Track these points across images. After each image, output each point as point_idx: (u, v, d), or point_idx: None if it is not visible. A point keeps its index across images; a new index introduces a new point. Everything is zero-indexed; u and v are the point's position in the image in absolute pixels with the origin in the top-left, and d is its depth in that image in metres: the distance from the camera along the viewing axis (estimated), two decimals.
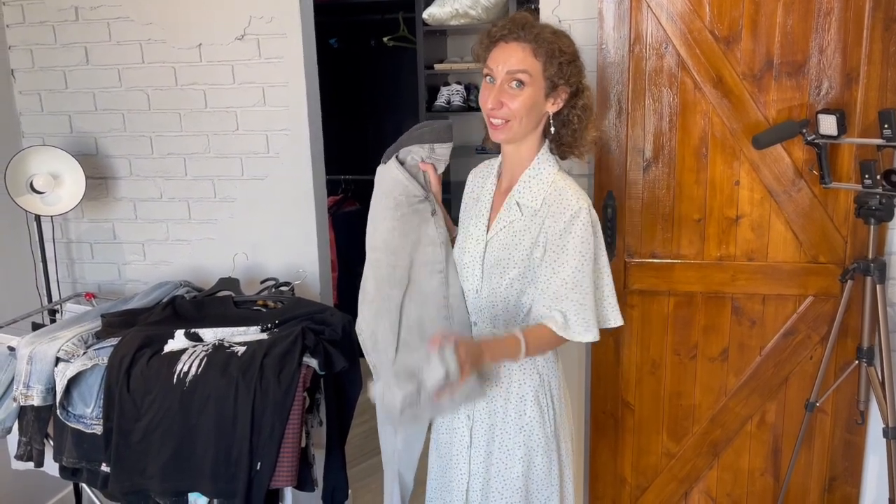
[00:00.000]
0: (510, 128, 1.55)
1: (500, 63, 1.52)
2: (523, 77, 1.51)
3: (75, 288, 2.90)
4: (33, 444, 2.13)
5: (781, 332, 2.27)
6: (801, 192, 2.17)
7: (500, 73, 1.52)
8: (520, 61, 1.51)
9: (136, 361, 2.02)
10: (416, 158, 1.73)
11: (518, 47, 1.51)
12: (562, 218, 1.55)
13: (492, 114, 1.55)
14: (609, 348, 2.38)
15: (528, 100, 1.52)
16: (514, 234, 1.61)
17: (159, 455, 1.99)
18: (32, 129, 2.83)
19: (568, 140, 1.62)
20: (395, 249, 1.69)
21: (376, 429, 2.06)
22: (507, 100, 1.52)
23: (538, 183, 1.60)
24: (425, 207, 1.70)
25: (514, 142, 1.60)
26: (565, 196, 1.57)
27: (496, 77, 1.53)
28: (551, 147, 1.64)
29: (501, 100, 1.52)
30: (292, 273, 2.67)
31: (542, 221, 1.58)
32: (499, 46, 1.54)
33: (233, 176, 2.69)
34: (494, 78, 1.54)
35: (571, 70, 1.55)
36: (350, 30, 4.23)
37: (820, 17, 2.07)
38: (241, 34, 2.56)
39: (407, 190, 1.69)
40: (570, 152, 1.65)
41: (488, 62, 1.55)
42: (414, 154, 1.73)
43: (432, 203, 1.72)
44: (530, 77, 1.51)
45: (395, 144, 1.76)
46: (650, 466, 2.45)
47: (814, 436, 2.30)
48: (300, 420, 1.96)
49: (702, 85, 2.17)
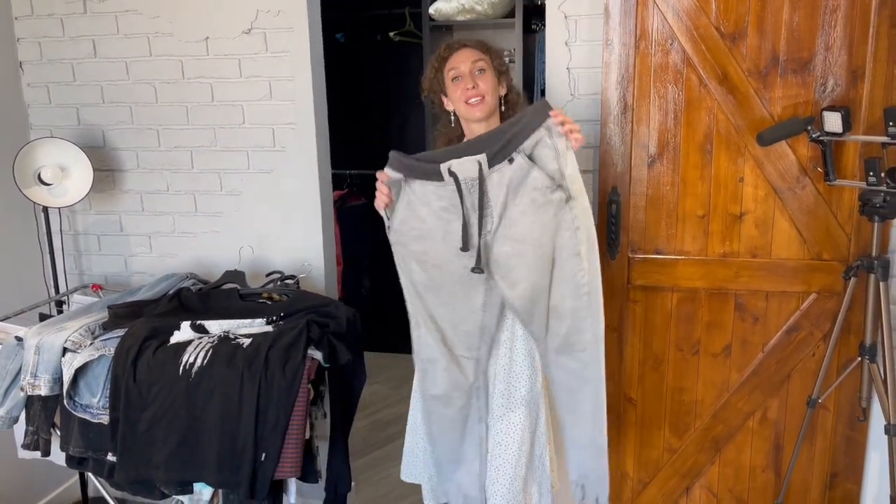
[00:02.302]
0: (486, 101, 1.92)
1: (462, 61, 1.94)
2: (483, 64, 1.94)
3: (82, 279, 2.92)
4: (40, 433, 2.15)
5: (784, 328, 2.28)
6: (805, 189, 2.17)
7: (466, 67, 1.93)
8: (475, 55, 1.95)
9: (143, 352, 2.04)
10: (547, 143, 1.74)
11: (469, 49, 1.96)
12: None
13: (470, 94, 1.91)
14: (612, 344, 2.39)
15: (491, 79, 1.94)
16: None
17: (165, 445, 2.00)
18: (40, 122, 2.84)
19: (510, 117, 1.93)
20: (537, 240, 1.78)
21: (380, 421, 2.10)
22: (478, 81, 1.92)
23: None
24: (559, 196, 1.75)
25: (487, 118, 1.94)
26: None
27: (462, 72, 1.93)
28: None
29: (476, 81, 1.92)
30: (297, 266, 2.68)
31: None
32: (453, 56, 1.96)
33: (239, 169, 2.71)
34: (461, 74, 1.93)
35: (503, 62, 2.00)
36: (357, 25, 4.24)
37: (826, 15, 2.07)
38: (248, 28, 2.57)
39: (539, 183, 1.74)
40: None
41: (451, 65, 1.95)
42: (538, 142, 1.74)
43: (566, 189, 1.76)
44: (486, 64, 1.94)
45: (498, 144, 1.74)
46: (652, 461, 2.46)
47: (815, 432, 2.30)
48: (304, 412, 1.97)
49: (707, 81, 2.17)
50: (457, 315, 1.89)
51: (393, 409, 3.71)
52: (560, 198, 1.74)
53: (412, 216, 1.82)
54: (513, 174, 1.74)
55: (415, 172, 1.79)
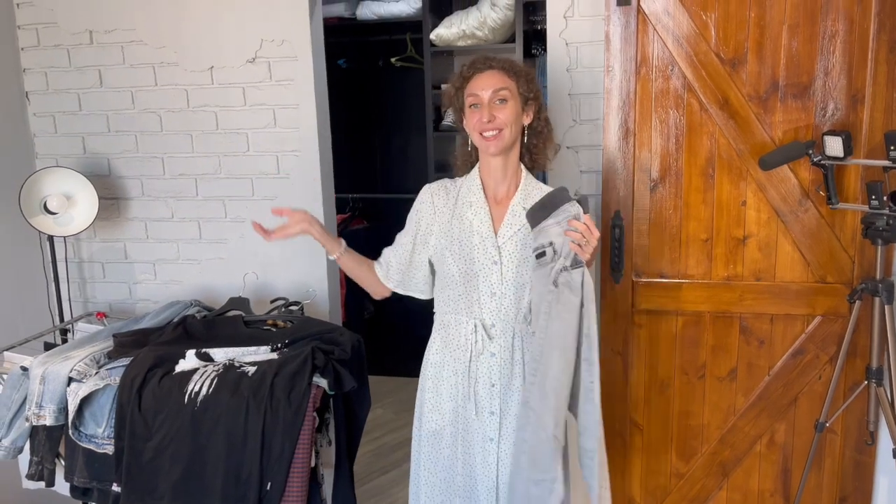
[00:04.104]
0: (503, 136, 1.78)
1: (483, 88, 1.78)
2: (505, 94, 1.78)
3: (87, 307, 2.93)
4: (45, 463, 2.14)
5: (790, 351, 2.27)
6: (808, 212, 2.18)
7: (485, 96, 1.78)
8: (500, 81, 1.78)
9: (148, 381, 2.04)
10: (557, 232, 1.70)
11: (494, 73, 1.79)
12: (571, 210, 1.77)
13: (486, 127, 1.77)
14: (617, 368, 2.38)
15: (512, 111, 1.79)
16: (529, 234, 1.79)
17: (170, 475, 2.00)
18: (46, 151, 2.87)
19: (538, 149, 1.88)
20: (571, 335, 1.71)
21: (384, 447, 2.08)
22: (496, 112, 1.77)
23: (534, 190, 1.85)
24: (571, 278, 1.69)
25: (505, 152, 1.82)
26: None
27: (482, 100, 1.78)
28: (524, 161, 1.88)
29: (493, 113, 1.77)
30: (302, 292, 2.69)
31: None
32: (475, 78, 1.80)
33: (243, 196, 2.72)
34: (480, 102, 1.78)
35: (534, 87, 1.83)
36: (359, 50, 4.28)
37: (825, 40, 2.09)
38: (252, 57, 2.60)
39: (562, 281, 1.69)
40: (538, 161, 1.90)
41: (471, 90, 1.80)
42: (551, 235, 1.71)
43: (578, 267, 1.69)
44: (510, 93, 1.78)
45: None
46: (659, 487, 2.44)
47: (823, 456, 2.29)
48: (310, 440, 1.96)
49: (708, 106, 2.19)
50: None
51: (396, 433, 3.69)
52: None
53: None
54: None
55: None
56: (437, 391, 1.90)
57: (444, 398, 1.89)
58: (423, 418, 1.93)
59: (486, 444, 1.86)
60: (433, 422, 1.91)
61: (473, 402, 1.85)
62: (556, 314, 1.69)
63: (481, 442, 1.86)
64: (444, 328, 1.90)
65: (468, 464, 1.88)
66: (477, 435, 1.86)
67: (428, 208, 1.93)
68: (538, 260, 1.73)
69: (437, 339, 1.92)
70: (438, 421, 1.90)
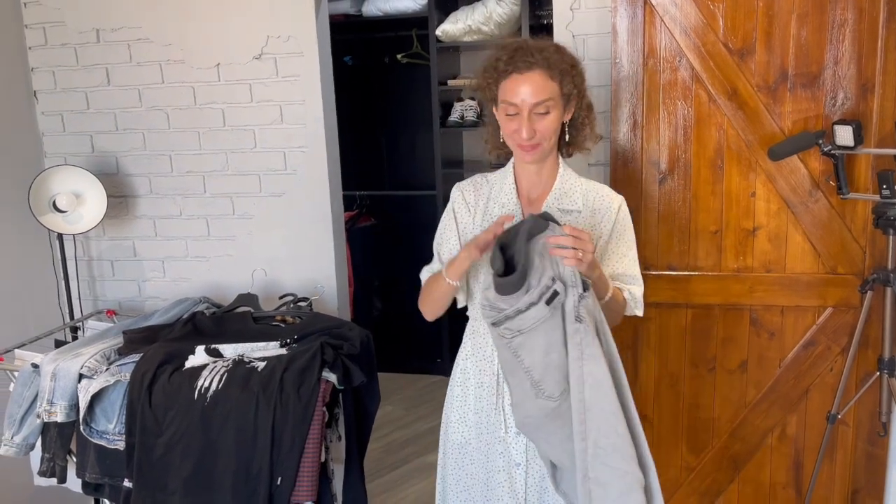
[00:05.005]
0: (542, 148, 1.63)
1: (522, 96, 1.57)
2: (549, 105, 1.58)
3: (96, 305, 2.94)
4: (56, 460, 2.15)
5: (801, 343, 2.26)
6: (818, 202, 2.17)
7: (524, 106, 1.58)
8: (541, 90, 1.57)
9: (158, 377, 2.04)
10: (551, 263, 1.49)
11: (534, 76, 1.57)
12: (611, 211, 1.72)
13: (525, 142, 1.61)
14: (627, 361, 2.36)
15: (554, 121, 1.62)
16: None
17: (180, 470, 2.00)
18: (55, 150, 2.88)
19: (578, 140, 1.74)
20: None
21: (394, 444, 2.05)
22: (537, 126, 1.60)
23: (571, 188, 1.73)
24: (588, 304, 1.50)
25: (542, 160, 1.69)
26: (603, 192, 1.74)
27: (521, 109, 1.58)
28: (561, 152, 1.76)
29: (534, 127, 1.59)
30: (310, 288, 2.69)
31: (591, 219, 1.71)
32: (512, 78, 1.58)
33: (251, 193, 2.73)
34: (518, 111, 1.59)
35: (578, 79, 1.64)
36: (364, 47, 4.28)
37: (834, 29, 2.08)
38: (258, 53, 2.61)
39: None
40: (576, 150, 1.77)
41: (508, 96, 1.59)
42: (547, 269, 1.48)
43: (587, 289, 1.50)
44: (553, 102, 1.59)
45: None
46: (670, 480, 2.43)
47: (836, 448, 2.28)
48: (320, 435, 1.97)
49: (716, 97, 2.18)
50: None
51: (406, 430, 3.69)
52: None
53: None
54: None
55: None
56: (465, 400, 1.79)
57: (470, 409, 1.78)
58: (449, 427, 1.82)
59: (512, 469, 1.73)
60: (459, 433, 1.79)
61: (503, 418, 1.72)
62: (591, 354, 1.47)
63: (506, 467, 1.74)
64: (473, 335, 1.79)
65: (493, 487, 1.76)
66: (502, 459, 1.74)
67: (462, 207, 1.78)
68: (550, 305, 1.46)
69: (467, 344, 1.80)
70: (465, 433, 1.79)
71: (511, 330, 1.49)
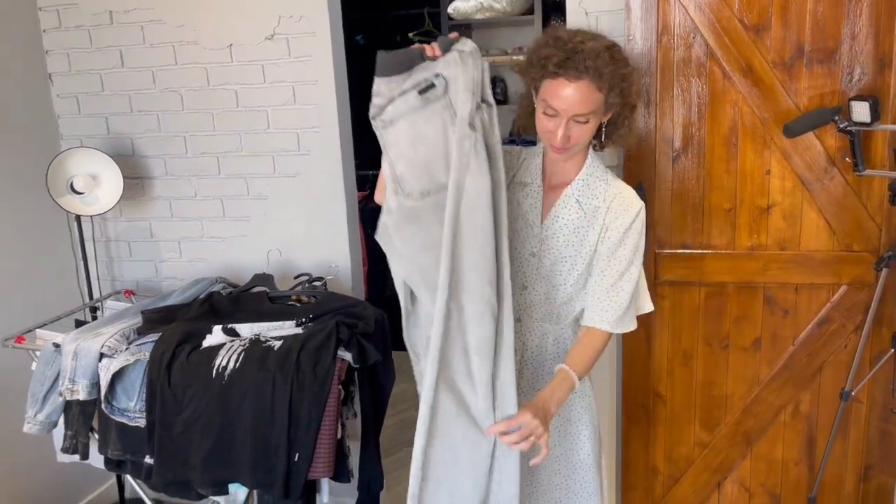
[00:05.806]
0: (573, 150, 1.62)
1: (565, 105, 1.52)
2: (589, 118, 1.55)
3: (114, 285, 2.98)
4: (79, 437, 2.20)
5: (815, 321, 2.26)
6: (833, 180, 2.15)
7: (565, 114, 1.54)
8: (586, 102, 1.52)
9: (177, 356, 2.08)
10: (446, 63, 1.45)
11: (582, 86, 1.51)
12: (627, 216, 1.65)
13: (557, 144, 1.57)
14: (640, 340, 2.38)
15: (592, 129, 1.59)
16: (577, 231, 1.68)
17: (200, 447, 2.04)
18: (71, 132, 2.90)
19: (613, 138, 1.70)
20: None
21: (407, 420, 2.06)
22: (572, 132, 1.57)
23: (595, 181, 1.69)
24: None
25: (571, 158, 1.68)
26: (627, 195, 1.68)
27: (562, 115, 1.54)
28: (593, 143, 1.71)
29: (569, 134, 1.56)
30: (325, 268, 2.71)
31: (605, 218, 1.66)
32: (559, 82, 1.52)
33: (265, 174, 2.74)
34: (557, 114, 1.55)
35: (627, 90, 1.58)
36: (376, 26, 4.26)
37: (851, 3, 2.05)
38: (270, 34, 2.60)
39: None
40: (609, 143, 1.73)
41: (550, 98, 1.54)
42: (438, 67, 1.44)
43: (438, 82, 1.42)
44: (595, 113, 1.56)
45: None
46: (683, 457, 2.45)
47: (849, 425, 2.28)
48: (336, 412, 2.00)
49: (731, 74, 2.16)
50: None
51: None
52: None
53: None
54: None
55: None
56: None
57: None
58: None
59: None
60: None
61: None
62: (475, 169, 1.38)
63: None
64: None
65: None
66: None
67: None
68: (423, 95, 1.37)
69: None
70: None
71: (384, 121, 1.46)
